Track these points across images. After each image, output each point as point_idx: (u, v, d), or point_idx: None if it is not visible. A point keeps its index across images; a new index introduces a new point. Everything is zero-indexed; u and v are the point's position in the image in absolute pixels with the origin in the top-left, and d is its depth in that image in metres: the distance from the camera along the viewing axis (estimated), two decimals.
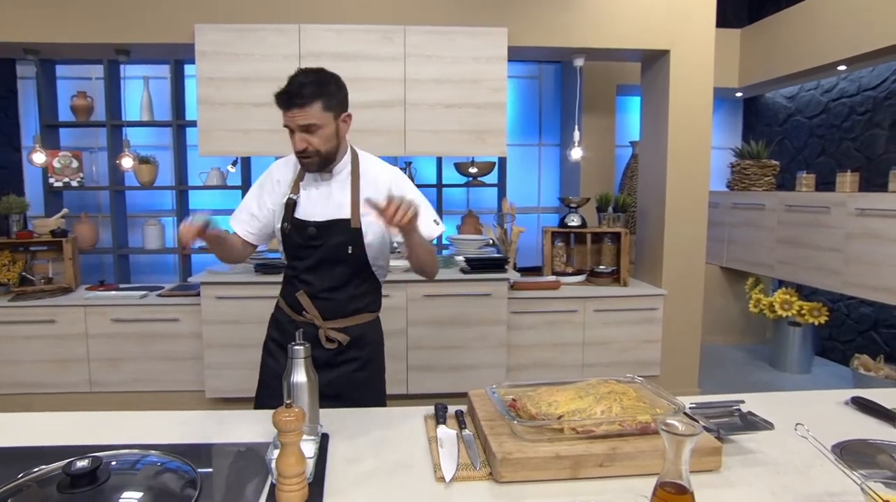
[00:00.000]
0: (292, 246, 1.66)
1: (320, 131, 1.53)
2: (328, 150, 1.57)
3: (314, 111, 1.50)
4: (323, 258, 1.63)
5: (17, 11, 3.09)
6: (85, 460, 0.93)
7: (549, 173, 4.86)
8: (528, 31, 3.34)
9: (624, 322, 3.51)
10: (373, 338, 1.76)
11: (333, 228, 1.61)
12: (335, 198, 1.63)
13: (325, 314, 1.66)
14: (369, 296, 1.74)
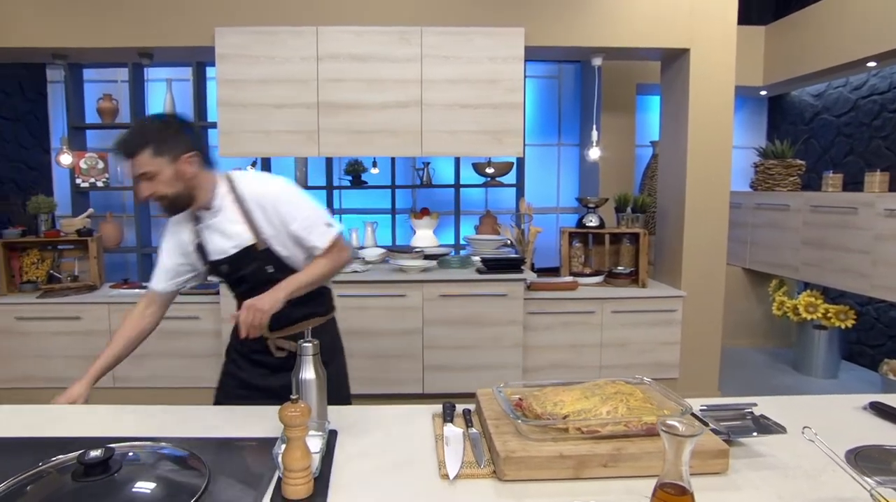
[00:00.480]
0: (223, 279, 1.71)
1: (158, 177, 1.51)
2: (176, 193, 1.54)
3: (143, 160, 1.49)
4: (251, 284, 1.63)
5: (46, 18, 3.19)
6: (98, 450, 0.96)
7: (568, 173, 4.83)
8: (545, 31, 3.33)
9: (642, 323, 3.47)
10: (324, 341, 1.71)
11: (244, 258, 1.62)
12: (232, 230, 1.61)
13: (271, 326, 1.63)
14: (314, 302, 1.75)
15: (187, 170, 1.52)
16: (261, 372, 1.73)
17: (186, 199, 1.57)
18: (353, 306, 3.27)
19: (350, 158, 4.13)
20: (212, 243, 1.63)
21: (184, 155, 1.51)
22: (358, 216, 4.50)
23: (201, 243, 1.64)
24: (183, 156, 1.51)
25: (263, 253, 1.60)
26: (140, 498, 0.95)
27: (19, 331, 3.27)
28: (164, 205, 1.56)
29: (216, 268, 1.65)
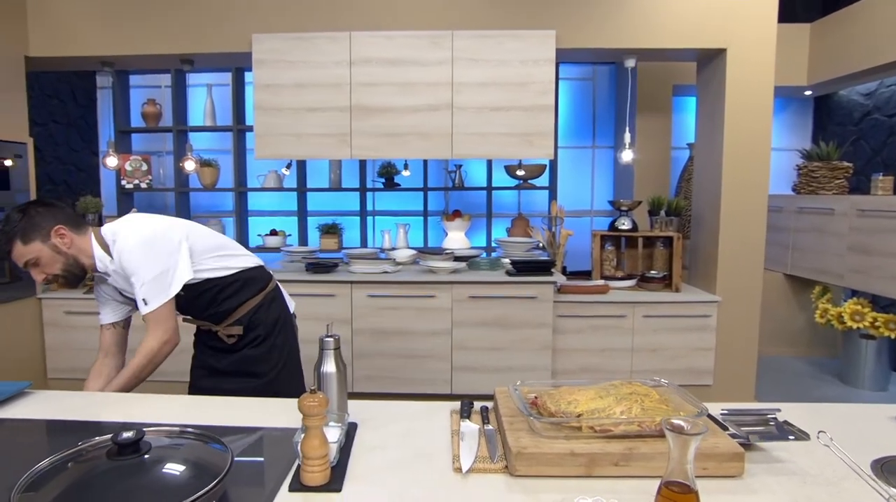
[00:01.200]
0: None
1: (40, 260, 1.58)
2: (64, 268, 1.61)
3: (18, 251, 1.56)
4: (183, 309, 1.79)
5: (95, 29, 3.38)
6: (130, 432, 1.02)
7: (602, 176, 4.79)
8: (577, 33, 3.32)
9: (675, 329, 3.41)
10: (263, 317, 1.87)
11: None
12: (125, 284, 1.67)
13: (215, 321, 1.83)
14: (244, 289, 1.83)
15: (61, 242, 1.58)
16: (219, 356, 1.87)
17: (77, 269, 1.63)
18: (383, 306, 3.33)
19: (383, 161, 4.19)
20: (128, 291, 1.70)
21: (52, 230, 1.56)
22: (391, 218, 4.56)
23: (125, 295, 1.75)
24: (51, 231, 1.56)
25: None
26: (168, 476, 1.00)
27: (68, 325, 3.45)
28: (63, 284, 1.65)
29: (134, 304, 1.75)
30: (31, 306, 3.39)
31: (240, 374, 1.84)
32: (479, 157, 3.46)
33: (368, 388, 3.39)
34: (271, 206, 4.51)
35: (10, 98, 3.26)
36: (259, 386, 1.83)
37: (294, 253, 3.62)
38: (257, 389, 1.82)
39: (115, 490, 0.95)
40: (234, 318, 1.83)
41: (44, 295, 3.45)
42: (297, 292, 3.28)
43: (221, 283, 1.78)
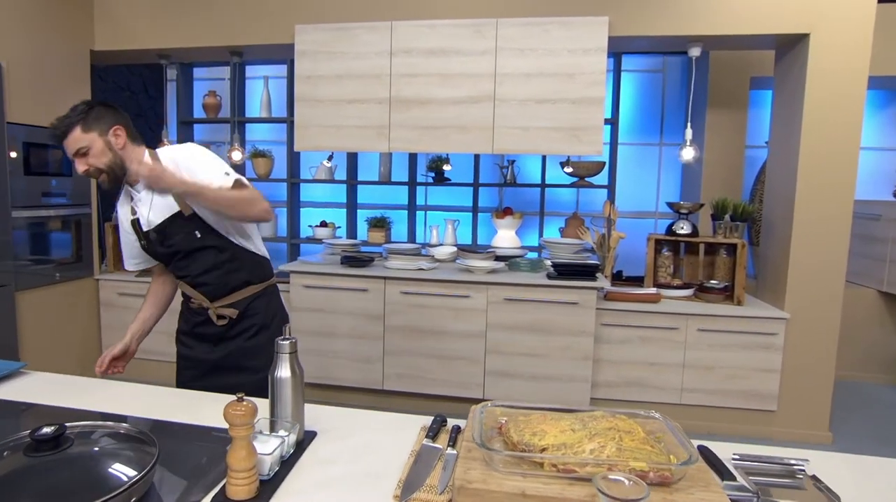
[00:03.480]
0: (156, 255, 1.77)
1: (90, 151, 1.61)
2: (109, 164, 1.64)
3: (75, 136, 1.60)
4: (184, 251, 1.72)
5: (152, 23, 3.52)
6: (50, 427, 0.99)
7: (670, 176, 4.44)
8: (633, 20, 3.05)
9: (734, 345, 3.08)
10: (261, 307, 1.83)
11: (173, 224, 1.69)
12: (159, 200, 1.70)
13: (211, 295, 1.76)
14: (247, 269, 1.80)
15: (115, 141, 1.64)
16: (205, 347, 1.80)
17: (120, 171, 1.66)
18: (416, 304, 3.24)
19: (433, 155, 4.10)
20: (146, 214, 1.71)
21: (110, 128, 1.63)
22: (440, 213, 4.47)
23: (136, 219, 1.73)
24: (110, 129, 1.63)
25: (190, 219, 1.68)
26: (77, 477, 0.95)
27: (122, 305, 3.64)
28: (102, 179, 1.65)
29: (148, 237, 1.72)
30: (90, 286, 3.60)
31: (231, 369, 1.78)
32: (522, 153, 3.28)
33: (398, 387, 3.32)
34: (323, 198, 4.54)
35: (77, 90, 3.46)
36: (252, 384, 1.78)
37: (335, 245, 3.61)
38: (249, 386, 1.78)
39: (22, 487, 0.92)
40: (231, 300, 1.77)
41: (101, 275, 3.65)
42: (333, 285, 3.30)
43: (234, 249, 1.76)
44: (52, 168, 3.26)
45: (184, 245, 1.70)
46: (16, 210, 3.03)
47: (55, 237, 3.35)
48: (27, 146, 3.08)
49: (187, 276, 1.75)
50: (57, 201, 3.31)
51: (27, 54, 3.10)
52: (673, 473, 0.95)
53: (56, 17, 3.29)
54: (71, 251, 3.46)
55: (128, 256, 1.84)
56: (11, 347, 3.00)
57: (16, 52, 3.03)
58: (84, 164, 1.62)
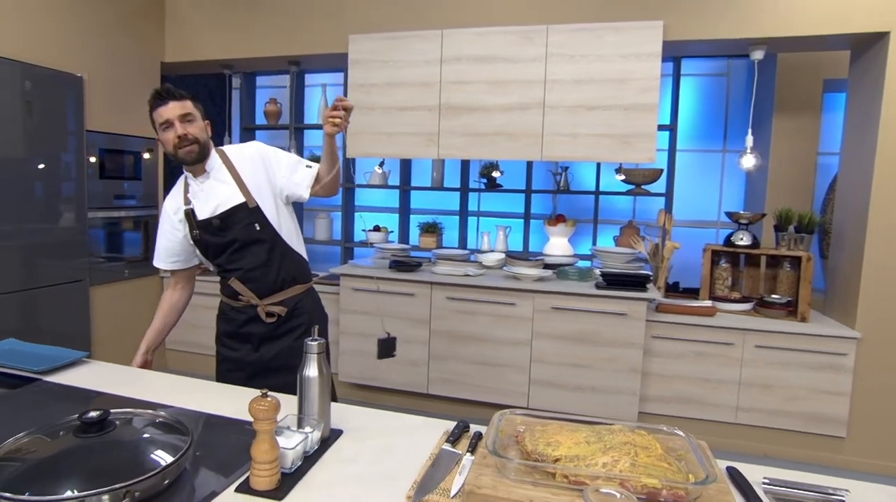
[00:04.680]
0: (209, 246, 1.79)
1: (196, 122, 1.72)
2: (204, 140, 1.74)
3: (187, 104, 1.72)
4: (239, 244, 1.77)
5: (215, 34, 3.73)
6: (96, 412, 1.07)
7: (734, 184, 4.24)
8: (690, 23, 2.95)
9: (797, 365, 2.91)
10: (308, 306, 1.89)
11: (236, 214, 1.75)
12: (224, 190, 1.77)
13: (259, 293, 1.80)
14: (297, 269, 1.87)
15: (207, 128, 1.78)
16: (249, 347, 1.84)
17: (205, 150, 1.76)
18: (462, 310, 3.25)
19: (486, 161, 4.11)
20: (204, 205, 1.77)
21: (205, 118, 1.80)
22: (493, 219, 4.47)
23: (191, 209, 1.78)
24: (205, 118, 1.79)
25: (252, 211, 1.75)
26: (118, 458, 1.03)
27: None
28: (191, 149, 1.72)
29: (207, 227, 1.76)
30: (155, 283, 3.84)
31: (280, 369, 1.81)
32: (571, 160, 3.24)
33: (443, 392, 3.34)
34: (377, 202, 4.64)
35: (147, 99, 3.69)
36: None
37: (385, 249, 3.68)
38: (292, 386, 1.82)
39: (66, 464, 1.00)
40: (279, 298, 1.82)
41: (165, 274, 3.87)
42: (382, 288, 3.36)
43: (285, 247, 1.83)
44: (125, 172, 3.52)
45: (242, 236, 1.75)
46: (91, 211, 3.29)
47: (126, 236, 3.60)
48: (103, 152, 3.34)
49: (239, 270, 1.78)
50: (128, 203, 3.56)
51: (105, 67, 3.36)
52: (689, 492, 0.92)
53: (131, 32, 3.55)
54: (140, 250, 3.70)
55: (166, 254, 1.88)
56: (86, 337, 3.25)
57: (96, 65, 3.29)
58: (184, 129, 1.69)
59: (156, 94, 1.71)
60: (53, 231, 3.07)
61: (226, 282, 1.83)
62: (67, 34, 3.13)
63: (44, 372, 1.57)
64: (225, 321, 1.89)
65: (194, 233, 1.78)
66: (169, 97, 1.70)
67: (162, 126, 1.70)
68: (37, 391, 1.48)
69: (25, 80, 2.87)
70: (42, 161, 2.98)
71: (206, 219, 1.76)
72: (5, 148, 2.81)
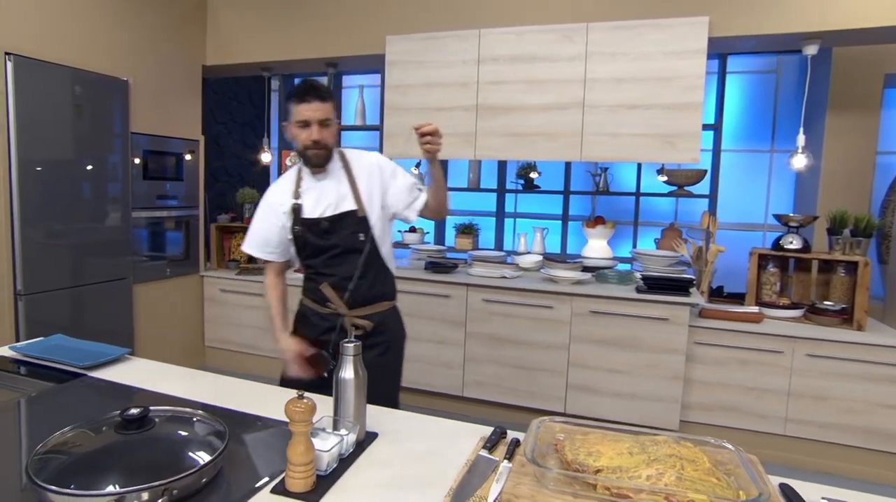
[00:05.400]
0: (308, 245, 1.75)
1: (331, 127, 1.69)
2: (332, 145, 1.72)
3: (329, 107, 1.68)
4: (340, 249, 1.73)
5: (255, 38, 3.80)
6: (136, 409, 1.08)
7: (782, 185, 4.07)
8: (737, 19, 2.84)
9: (852, 376, 2.76)
10: (392, 324, 1.86)
11: (344, 220, 1.72)
12: (337, 193, 1.74)
13: (350, 302, 1.75)
14: (387, 285, 1.84)
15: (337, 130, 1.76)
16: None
17: (331, 154, 1.75)
18: (498, 312, 3.21)
19: (523, 162, 4.06)
20: (314, 203, 1.73)
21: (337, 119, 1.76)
22: (530, 221, 4.41)
23: (299, 204, 1.73)
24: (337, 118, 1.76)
25: (360, 220, 1.73)
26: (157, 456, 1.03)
27: (222, 301, 3.93)
28: (320, 153, 1.70)
29: (313, 227, 1.71)
30: (195, 282, 3.92)
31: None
32: (612, 161, 3.16)
33: (478, 394, 3.30)
34: None
35: (190, 102, 3.80)
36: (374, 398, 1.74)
37: (421, 250, 3.67)
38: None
39: (108, 460, 1.01)
40: (366, 312, 1.77)
41: (206, 272, 3.96)
42: (414, 290, 3.34)
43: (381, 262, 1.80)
44: (167, 173, 3.61)
45: (345, 243, 1.72)
46: (135, 211, 3.39)
47: (168, 236, 3.69)
48: (147, 153, 3.44)
49: (333, 276, 1.74)
50: (170, 203, 3.65)
51: (150, 71, 3.45)
52: None
53: (174, 36, 3.65)
54: (181, 249, 3.79)
55: (261, 243, 1.80)
56: (129, 334, 3.34)
57: (140, 69, 3.38)
58: (320, 135, 1.67)
59: (302, 90, 1.67)
60: (100, 230, 3.17)
61: (314, 285, 1.77)
62: (115, 40, 3.23)
63: (89, 367, 1.60)
64: (305, 325, 1.82)
65: (296, 229, 1.74)
66: (315, 97, 1.65)
67: (299, 122, 1.67)
68: (82, 386, 1.51)
69: (75, 85, 2.97)
70: (90, 162, 3.09)
71: (313, 218, 1.73)
72: (57, 150, 2.91)
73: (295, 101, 1.67)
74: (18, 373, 1.60)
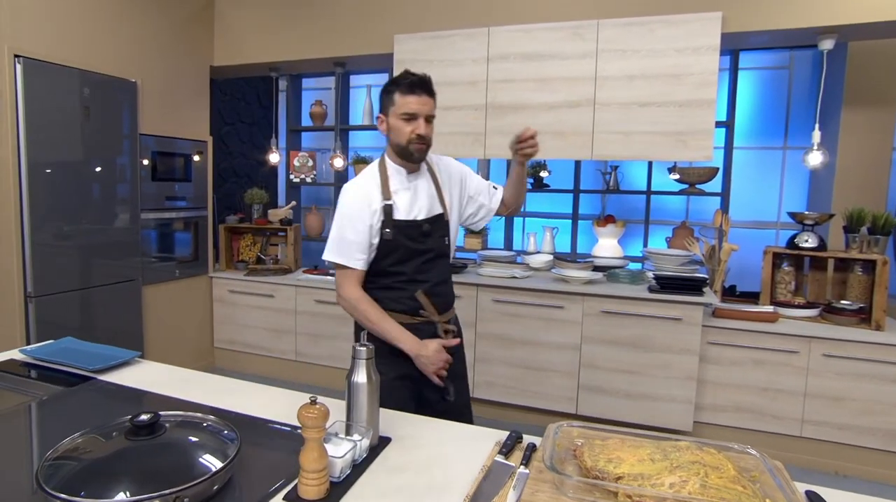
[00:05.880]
0: (399, 249, 1.63)
1: (432, 124, 1.64)
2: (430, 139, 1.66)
3: (434, 103, 1.63)
4: (433, 254, 1.68)
5: (263, 38, 3.79)
6: (146, 415, 1.06)
7: (795, 182, 4.01)
8: (751, 13, 2.79)
9: (870, 376, 2.71)
10: (458, 327, 1.82)
11: (437, 223, 1.68)
12: (429, 194, 1.69)
13: (440, 307, 1.70)
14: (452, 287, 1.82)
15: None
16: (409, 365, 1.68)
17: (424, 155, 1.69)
18: (509, 313, 3.18)
19: (532, 161, 4.02)
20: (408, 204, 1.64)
21: None
22: (539, 220, 4.37)
23: (391, 205, 1.62)
24: None
25: (445, 224, 1.71)
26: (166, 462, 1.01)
27: (230, 302, 3.92)
28: (423, 151, 1.63)
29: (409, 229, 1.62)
30: (204, 283, 3.91)
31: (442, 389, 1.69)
32: (623, 159, 3.12)
33: (488, 395, 3.28)
34: None
35: (198, 103, 3.79)
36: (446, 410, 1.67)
37: None
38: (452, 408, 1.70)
39: (118, 466, 0.99)
40: (449, 316, 1.75)
41: (214, 273, 3.95)
42: None
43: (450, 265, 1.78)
44: (176, 174, 3.61)
45: (437, 247, 1.68)
46: (144, 212, 3.38)
47: (176, 237, 3.69)
48: (155, 154, 3.44)
49: (426, 283, 1.66)
50: (179, 204, 3.65)
51: (158, 72, 3.45)
52: None
53: (182, 37, 3.64)
54: (190, 250, 3.79)
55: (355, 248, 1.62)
56: (138, 335, 3.34)
57: (149, 70, 3.38)
58: (427, 131, 1.60)
59: (412, 82, 1.59)
60: (108, 231, 3.17)
61: (402, 294, 1.66)
62: (123, 41, 3.23)
63: (98, 370, 1.59)
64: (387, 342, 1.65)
65: (386, 231, 1.61)
66: (425, 91, 1.60)
67: (404, 115, 1.58)
68: (91, 389, 1.50)
69: (84, 87, 2.97)
70: (99, 164, 3.08)
71: (408, 220, 1.63)
72: (66, 152, 2.91)
73: (401, 93, 1.59)
74: (28, 376, 1.59)
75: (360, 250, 1.62)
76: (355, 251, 1.62)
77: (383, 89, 1.66)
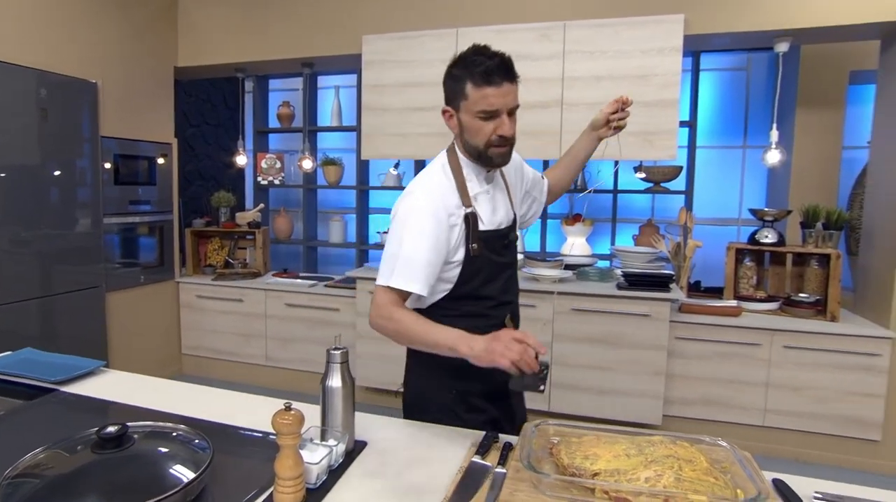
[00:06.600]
0: (487, 266, 1.35)
1: (515, 116, 1.29)
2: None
3: (516, 90, 1.26)
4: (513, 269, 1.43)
5: (228, 38, 3.72)
6: (114, 427, 1.03)
7: (755, 180, 4.15)
8: (712, 16, 2.88)
9: (827, 366, 2.82)
10: None
11: (514, 229, 1.44)
12: (505, 200, 1.43)
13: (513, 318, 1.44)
14: None
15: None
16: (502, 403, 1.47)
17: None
18: None
19: None
20: (489, 212, 1.36)
21: None
22: None
23: (474, 213, 1.32)
24: None
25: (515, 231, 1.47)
26: (136, 476, 0.99)
27: (199, 307, 3.84)
28: (507, 155, 1.32)
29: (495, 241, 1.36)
30: (171, 288, 3.82)
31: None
32: (593, 159, 3.15)
33: None
34: (390, 204, 4.61)
35: (161, 104, 3.70)
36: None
37: None
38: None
39: (85, 482, 0.96)
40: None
41: (181, 278, 3.87)
42: None
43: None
44: (139, 178, 3.51)
45: (514, 258, 1.43)
46: (107, 217, 3.29)
47: (141, 242, 3.59)
48: (117, 157, 3.34)
49: (510, 303, 1.41)
50: (143, 208, 3.55)
51: (119, 73, 3.35)
52: None
53: (145, 38, 3.55)
54: (155, 255, 3.70)
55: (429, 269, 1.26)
56: (102, 344, 3.24)
57: (109, 71, 3.28)
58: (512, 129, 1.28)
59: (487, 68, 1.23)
60: (69, 237, 3.06)
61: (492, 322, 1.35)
62: (82, 41, 3.13)
63: (61, 382, 1.54)
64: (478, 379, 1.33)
65: (473, 247, 1.31)
66: (505, 76, 1.24)
67: (482, 112, 1.25)
68: (54, 402, 1.45)
69: (41, 88, 2.86)
70: (58, 167, 2.98)
71: (493, 229, 1.34)
72: (22, 155, 2.80)
73: (475, 84, 1.24)
74: None
75: (433, 273, 1.28)
76: (425, 275, 1.26)
77: (448, 73, 1.30)
